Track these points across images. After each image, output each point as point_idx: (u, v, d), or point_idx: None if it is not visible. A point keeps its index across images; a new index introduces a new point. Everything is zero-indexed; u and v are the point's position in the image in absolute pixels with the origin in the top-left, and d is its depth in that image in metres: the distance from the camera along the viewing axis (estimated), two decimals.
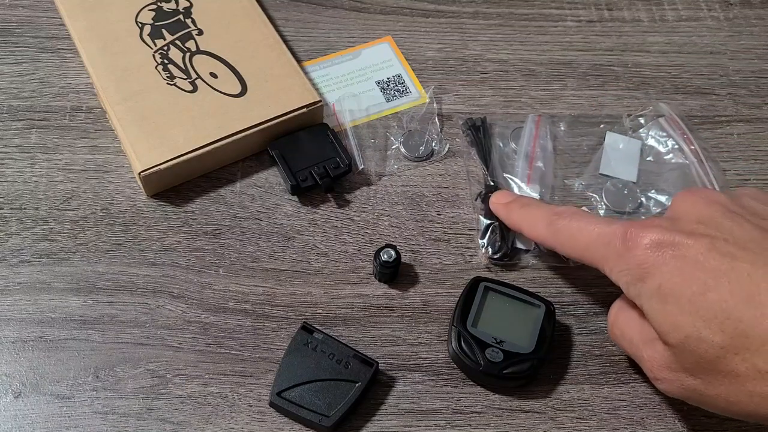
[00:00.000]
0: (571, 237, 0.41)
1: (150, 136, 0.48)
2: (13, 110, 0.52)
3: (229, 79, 0.51)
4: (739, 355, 0.33)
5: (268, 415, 0.42)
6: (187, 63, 0.51)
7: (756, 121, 0.55)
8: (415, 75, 0.56)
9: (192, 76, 0.51)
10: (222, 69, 0.51)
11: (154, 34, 0.53)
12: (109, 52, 0.52)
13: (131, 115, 0.49)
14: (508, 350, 0.42)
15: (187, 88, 0.50)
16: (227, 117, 0.49)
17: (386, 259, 0.45)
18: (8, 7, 0.57)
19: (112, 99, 0.50)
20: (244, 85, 0.51)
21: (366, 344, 0.44)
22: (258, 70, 0.51)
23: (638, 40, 0.59)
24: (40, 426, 0.41)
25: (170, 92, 0.50)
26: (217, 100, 0.50)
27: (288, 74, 0.51)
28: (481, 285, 0.45)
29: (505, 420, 0.42)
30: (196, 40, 0.53)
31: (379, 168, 0.51)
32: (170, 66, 0.51)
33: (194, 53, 0.52)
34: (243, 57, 0.52)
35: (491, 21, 0.59)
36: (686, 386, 0.36)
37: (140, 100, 0.50)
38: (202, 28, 0.53)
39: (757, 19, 0.61)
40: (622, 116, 0.54)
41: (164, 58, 0.51)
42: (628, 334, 0.39)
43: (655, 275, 0.36)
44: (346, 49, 0.57)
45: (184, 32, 0.53)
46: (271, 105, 0.50)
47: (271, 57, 0.52)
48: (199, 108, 0.49)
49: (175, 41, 0.52)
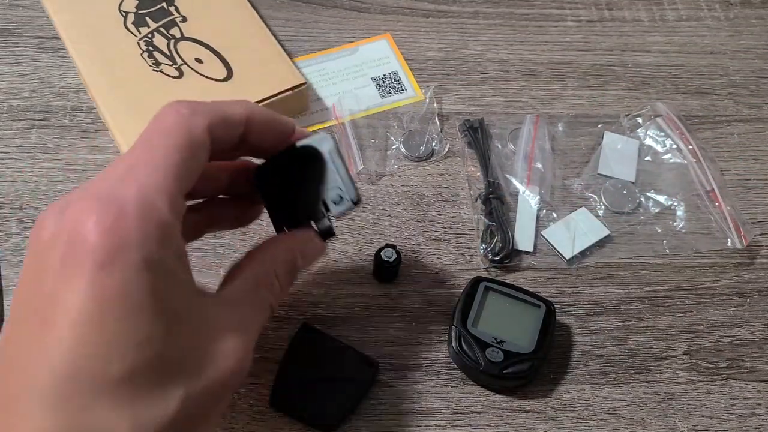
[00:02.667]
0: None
1: (139, 124, 0.48)
2: (13, 110, 0.52)
3: (215, 65, 0.51)
4: None
5: (268, 415, 0.42)
6: (172, 49, 0.52)
7: (756, 121, 0.55)
8: (411, 73, 0.56)
9: (177, 62, 0.51)
10: (207, 54, 0.52)
11: (138, 23, 0.53)
12: (94, 42, 0.52)
13: (119, 104, 0.49)
14: (509, 350, 0.42)
15: (173, 74, 0.51)
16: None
17: (386, 259, 0.45)
18: (8, 7, 0.57)
19: (99, 89, 0.50)
20: (229, 69, 0.51)
21: (366, 344, 0.44)
22: (243, 54, 0.52)
23: (638, 40, 0.59)
24: None
25: (157, 79, 0.51)
26: (204, 85, 0.50)
27: (272, 58, 0.52)
28: (482, 285, 0.45)
29: (505, 420, 0.42)
30: (180, 27, 0.53)
31: (379, 168, 0.51)
32: (155, 53, 0.52)
33: (179, 40, 0.52)
34: (227, 42, 0.53)
35: (491, 21, 0.59)
36: None
37: (128, 88, 0.50)
38: (186, 15, 0.54)
39: (757, 19, 0.61)
40: (619, 116, 0.54)
41: (149, 46, 0.52)
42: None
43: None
44: (342, 45, 0.57)
45: (168, 19, 0.54)
46: (257, 88, 0.50)
47: (255, 42, 0.53)
48: (185, 93, 0.50)
49: (159, 28, 0.53)
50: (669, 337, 0.45)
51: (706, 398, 0.43)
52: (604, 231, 0.49)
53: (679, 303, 0.47)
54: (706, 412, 0.43)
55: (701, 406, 0.43)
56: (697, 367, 0.45)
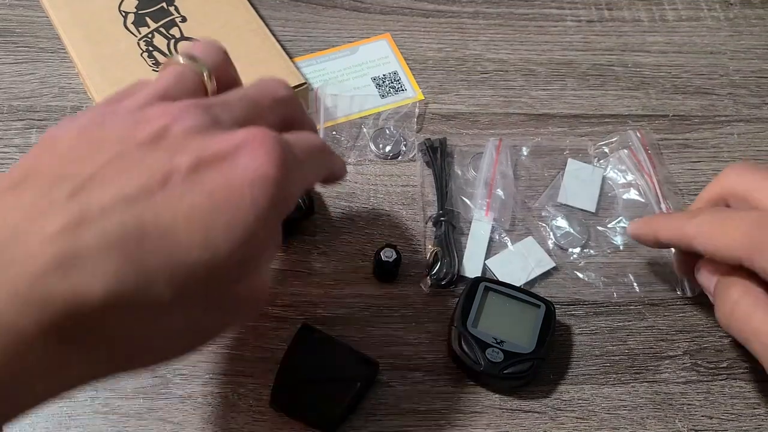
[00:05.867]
0: (715, 222, 0.38)
1: None
2: (13, 110, 0.52)
3: None
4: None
5: (268, 415, 0.42)
6: (172, 50, 0.52)
7: (756, 121, 0.55)
8: (411, 73, 0.56)
9: None
10: None
11: (138, 23, 0.53)
12: (93, 41, 0.52)
13: None
14: (509, 350, 0.42)
15: None
16: None
17: (386, 259, 0.45)
18: (8, 7, 0.57)
19: (98, 88, 0.50)
20: None
21: (366, 344, 0.44)
22: (242, 54, 0.52)
23: (638, 40, 0.59)
24: (40, 426, 0.41)
25: None
26: None
27: (272, 58, 0.52)
28: (482, 285, 0.45)
29: (505, 420, 0.42)
30: (180, 27, 0.53)
31: (345, 156, 0.51)
32: (155, 53, 0.52)
33: (179, 40, 0.53)
34: (227, 42, 0.52)
35: (491, 21, 0.59)
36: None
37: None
38: (186, 15, 0.54)
39: (757, 19, 0.61)
40: (587, 146, 0.53)
41: (149, 46, 0.52)
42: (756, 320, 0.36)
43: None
44: (342, 45, 0.57)
45: (168, 19, 0.54)
46: None
47: (256, 42, 0.53)
48: None
49: (159, 29, 0.53)
50: (669, 337, 0.45)
51: (706, 398, 0.43)
52: (549, 263, 0.47)
53: (679, 303, 0.47)
54: (706, 412, 0.43)
55: (701, 406, 0.43)
56: (697, 367, 0.45)
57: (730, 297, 0.38)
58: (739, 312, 0.37)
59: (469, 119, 0.54)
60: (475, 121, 0.54)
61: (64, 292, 0.24)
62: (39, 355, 0.24)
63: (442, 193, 0.49)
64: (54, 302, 0.24)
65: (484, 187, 0.50)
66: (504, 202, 0.49)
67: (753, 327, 0.36)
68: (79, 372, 0.27)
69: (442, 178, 0.50)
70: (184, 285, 0.26)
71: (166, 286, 0.26)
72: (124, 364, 0.28)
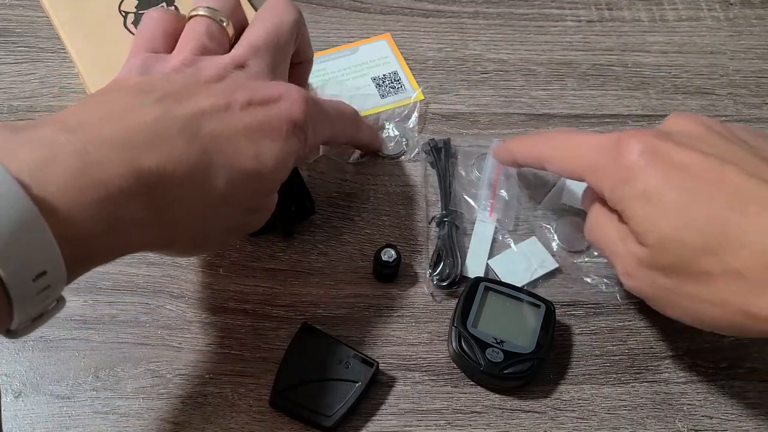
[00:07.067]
0: (567, 147, 0.42)
1: None
2: (13, 110, 0.52)
3: None
4: (716, 256, 0.34)
5: (268, 415, 0.42)
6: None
7: (756, 121, 0.55)
8: (411, 73, 0.56)
9: None
10: None
11: (138, 22, 0.53)
12: (93, 41, 0.52)
13: None
14: (509, 350, 0.42)
15: None
16: None
17: (386, 259, 0.45)
18: (8, 7, 0.57)
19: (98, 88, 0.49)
20: None
21: (366, 344, 0.44)
22: None
23: (638, 40, 0.59)
24: (41, 426, 0.41)
25: None
26: None
27: None
28: (482, 285, 0.45)
29: (505, 420, 0.42)
30: None
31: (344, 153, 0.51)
32: None
33: None
34: None
35: (491, 21, 0.59)
36: (657, 285, 0.37)
37: None
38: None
39: (757, 19, 0.61)
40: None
41: None
42: (606, 232, 0.40)
43: (640, 178, 0.37)
44: (342, 45, 0.57)
45: None
46: None
47: None
48: None
49: None
50: (669, 337, 0.45)
51: (706, 398, 0.43)
52: (552, 264, 0.47)
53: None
54: (706, 412, 0.43)
55: (701, 406, 0.43)
56: (697, 367, 0.45)
57: (591, 213, 0.42)
58: (593, 224, 0.42)
59: (470, 119, 0.54)
60: (476, 121, 0.54)
61: (155, 161, 0.32)
62: (125, 210, 0.31)
63: (446, 193, 0.49)
64: (144, 168, 0.31)
65: (488, 188, 0.50)
66: (508, 203, 0.49)
67: (604, 235, 0.41)
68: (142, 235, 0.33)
69: (446, 179, 0.50)
70: (235, 184, 0.35)
71: (223, 179, 0.34)
72: (173, 232, 0.34)
